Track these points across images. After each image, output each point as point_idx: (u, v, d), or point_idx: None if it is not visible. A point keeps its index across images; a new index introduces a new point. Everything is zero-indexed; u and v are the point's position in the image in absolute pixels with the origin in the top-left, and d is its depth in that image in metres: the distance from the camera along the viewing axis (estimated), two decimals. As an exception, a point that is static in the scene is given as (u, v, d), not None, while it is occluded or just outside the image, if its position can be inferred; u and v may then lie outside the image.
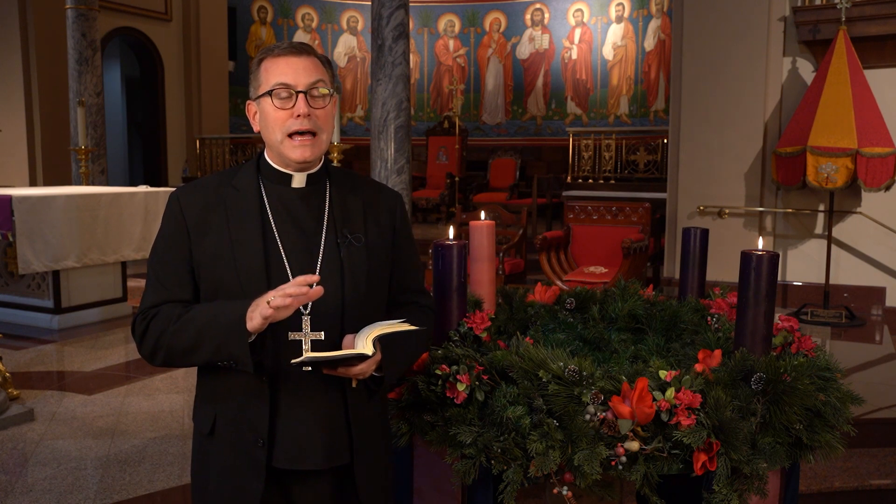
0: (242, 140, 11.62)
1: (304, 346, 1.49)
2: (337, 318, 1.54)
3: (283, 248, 1.54)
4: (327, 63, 1.59)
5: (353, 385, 1.54)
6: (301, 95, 1.50)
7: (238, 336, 1.42)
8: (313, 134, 1.53)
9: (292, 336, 1.49)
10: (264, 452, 1.52)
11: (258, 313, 1.40)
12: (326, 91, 1.54)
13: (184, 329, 1.48)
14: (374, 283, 1.60)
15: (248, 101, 1.60)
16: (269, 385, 1.52)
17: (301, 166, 1.57)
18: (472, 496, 1.77)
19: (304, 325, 1.50)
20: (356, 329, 1.51)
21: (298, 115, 1.50)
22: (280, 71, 1.51)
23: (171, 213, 1.58)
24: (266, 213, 1.57)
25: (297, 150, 1.53)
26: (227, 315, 1.44)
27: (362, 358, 1.45)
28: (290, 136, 1.52)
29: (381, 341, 1.50)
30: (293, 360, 1.42)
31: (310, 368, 1.46)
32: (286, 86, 1.51)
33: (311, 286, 1.39)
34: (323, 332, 1.51)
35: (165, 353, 1.52)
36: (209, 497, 1.60)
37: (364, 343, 1.45)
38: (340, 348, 1.50)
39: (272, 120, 1.52)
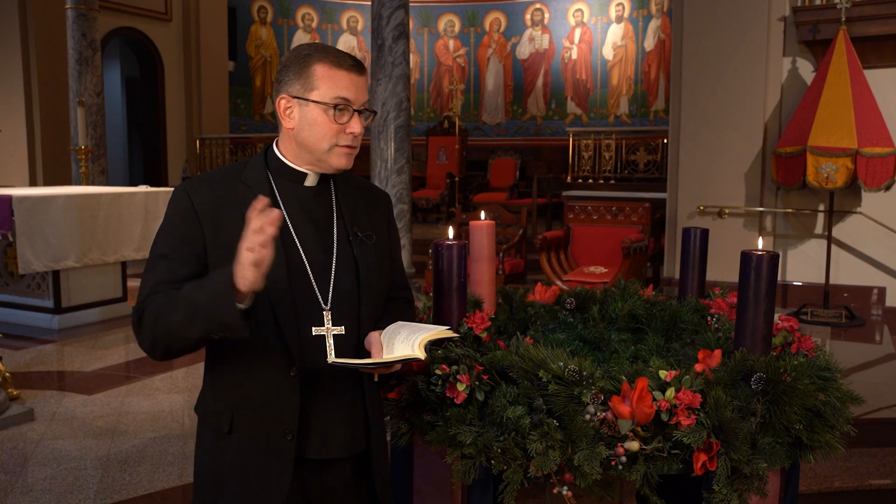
0: (242, 140, 11.61)
1: (327, 342, 1.57)
2: (354, 313, 1.61)
3: (300, 245, 1.58)
4: None
5: (375, 379, 1.61)
6: (356, 114, 1.57)
7: (228, 301, 1.37)
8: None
9: (315, 332, 1.56)
10: (293, 445, 1.55)
11: (244, 265, 1.35)
12: (369, 110, 1.62)
13: (175, 307, 1.44)
14: (382, 278, 1.68)
15: (282, 95, 1.56)
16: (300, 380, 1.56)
17: (336, 171, 1.62)
18: (472, 496, 1.77)
19: (325, 321, 1.58)
20: (370, 322, 1.61)
21: (351, 132, 1.56)
22: (343, 86, 1.54)
23: (180, 206, 1.55)
24: (281, 211, 1.56)
25: (344, 159, 1.59)
26: (216, 282, 1.40)
27: (403, 362, 1.52)
28: (338, 145, 1.58)
29: (430, 343, 1.57)
30: (351, 365, 1.49)
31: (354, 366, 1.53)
32: (348, 103, 1.55)
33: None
34: (343, 327, 1.59)
35: (163, 339, 1.48)
36: (227, 495, 1.59)
37: (414, 347, 1.51)
38: (360, 342, 1.59)
39: (324, 129, 1.55)
